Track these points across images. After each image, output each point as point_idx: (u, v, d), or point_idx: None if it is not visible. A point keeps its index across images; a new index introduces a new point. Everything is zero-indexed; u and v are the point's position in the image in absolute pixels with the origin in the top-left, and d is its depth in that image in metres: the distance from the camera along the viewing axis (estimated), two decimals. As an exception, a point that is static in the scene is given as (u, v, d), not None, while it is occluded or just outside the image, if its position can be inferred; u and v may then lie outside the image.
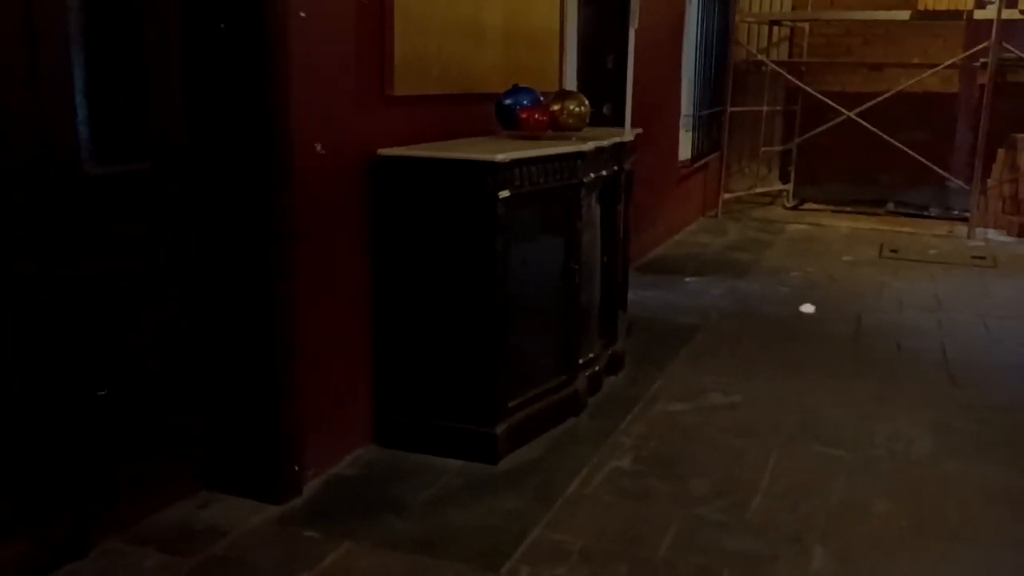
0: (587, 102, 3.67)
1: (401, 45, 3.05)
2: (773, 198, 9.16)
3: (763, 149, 8.81)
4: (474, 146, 3.21)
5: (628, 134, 3.91)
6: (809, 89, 8.52)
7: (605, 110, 5.67)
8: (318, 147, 2.76)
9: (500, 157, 2.86)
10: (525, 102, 3.61)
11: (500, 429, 3.05)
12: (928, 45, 8.58)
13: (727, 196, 8.42)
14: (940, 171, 8.07)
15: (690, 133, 7.40)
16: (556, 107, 3.61)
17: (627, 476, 2.99)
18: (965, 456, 3.19)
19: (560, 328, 3.40)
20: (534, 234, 3.22)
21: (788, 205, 8.93)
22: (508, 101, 3.62)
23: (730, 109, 8.19)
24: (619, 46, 5.66)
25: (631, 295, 5.18)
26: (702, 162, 7.79)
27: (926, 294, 5.52)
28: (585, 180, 3.36)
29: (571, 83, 4.76)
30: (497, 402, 3.06)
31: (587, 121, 3.68)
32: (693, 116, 7.43)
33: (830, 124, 8.29)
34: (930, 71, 8.08)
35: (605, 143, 3.63)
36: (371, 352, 3.13)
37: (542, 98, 3.66)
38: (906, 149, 7.97)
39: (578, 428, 3.38)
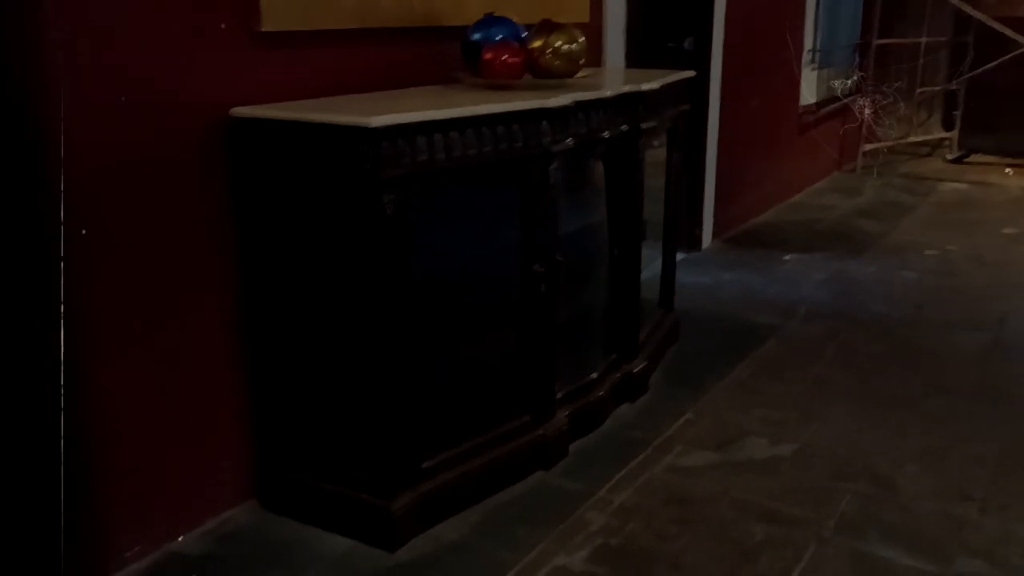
0: (582, 38, 2.66)
1: (272, -41, 2.17)
2: (932, 148, 7.64)
3: (920, 90, 7.29)
4: (395, 102, 2.31)
5: (655, 81, 2.87)
6: (982, 17, 6.92)
7: (686, 44, 4.56)
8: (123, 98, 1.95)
9: (378, 121, 1.95)
10: (498, 38, 2.66)
11: (401, 503, 2.18)
12: None
13: (871, 147, 7.02)
14: None
15: (817, 72, 6.09)
16: (536, 44, 2.62)
17: (571, 585, 2.08)
18: (1113, 587, 2.07)
19: (522, 352, 2.48)
20: (469, 227, 2.30)
21: (949, 157, 7.40)
22: (476, 36, 2.67)
23: (877, 41, 6.75)
24: (704, -39, 4.51)
25: (705, 279, 4.20)
26: (836, 106, 6.46)
27: (1107, 288, 4.16)
28: (555, 148, 2.39)
29: (617, 13, 3.72)
30: (399, 464, 2.19)
31: (582, 62, 2.67)
32: (822, 51, 6.11)
33: (1009, 57, 6.71)
34: None
35: (607, 94, 2.62)
36: (247, 388, 2.33)
37: (524, 33, 2.69)
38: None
39: (539, 491, 2.46)
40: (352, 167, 1.99)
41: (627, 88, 2.71)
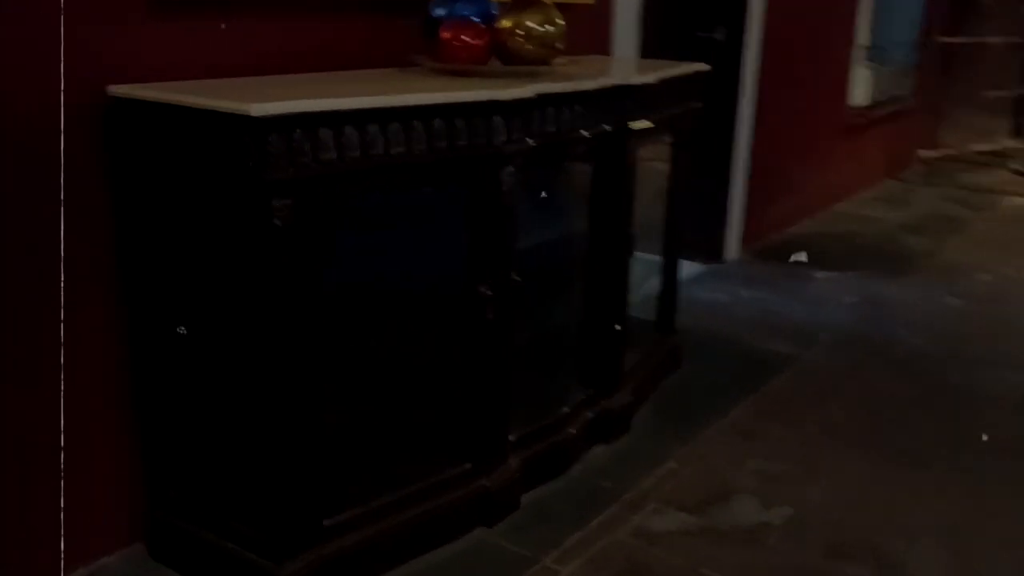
0: (560, 18, 2.26)
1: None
2: (997, 159, 7.05)
3: (988, 93, 6.71)
4: (316, 86, 1.94)
5: (651, 74, 2.46)
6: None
7: (717, 35, 4.12)
8: None
9: (262, 109, 1.58)
10: (465, 13, 2.28)
11: (294, 567, 1.82)
12: None
13: (928, 154, 6.49)
14: None
15: (870, 70, 5.58)
16: (505, 24, 2.23)
17: None
18: None
19: (464, 389, 2.10)
20: (397, 242, 1.93)
21: (1017, 169, 6.81)
22: (439, 12, 2.29)
23: (943, 39, 6.21)
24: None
25: (721, 295, 3.79)
26: (890, 109, 5.94)
27: None
28: (511, 149, 2.00)
29: (630, -7, 3.30)
30: (291, 521, 1.83)
31: (560, 46, 2.27)
32: (877, 47, 5.59)
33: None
34: None
35: (585, 86, 2.22)
36: (134, 413, 1.99)
37: (495, 11, 2.30)
38: None
39: (476, 553, 2.09)
40: (234, 165, 1.63)
41: (612, 81, 2.31)
